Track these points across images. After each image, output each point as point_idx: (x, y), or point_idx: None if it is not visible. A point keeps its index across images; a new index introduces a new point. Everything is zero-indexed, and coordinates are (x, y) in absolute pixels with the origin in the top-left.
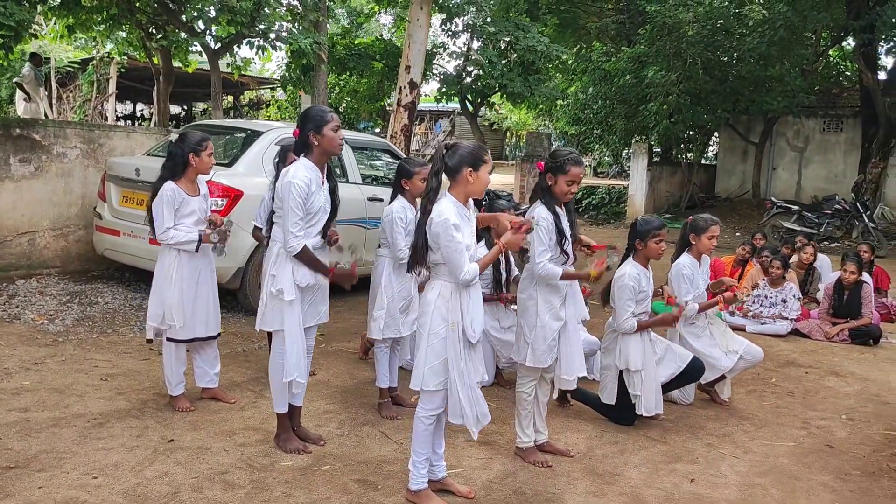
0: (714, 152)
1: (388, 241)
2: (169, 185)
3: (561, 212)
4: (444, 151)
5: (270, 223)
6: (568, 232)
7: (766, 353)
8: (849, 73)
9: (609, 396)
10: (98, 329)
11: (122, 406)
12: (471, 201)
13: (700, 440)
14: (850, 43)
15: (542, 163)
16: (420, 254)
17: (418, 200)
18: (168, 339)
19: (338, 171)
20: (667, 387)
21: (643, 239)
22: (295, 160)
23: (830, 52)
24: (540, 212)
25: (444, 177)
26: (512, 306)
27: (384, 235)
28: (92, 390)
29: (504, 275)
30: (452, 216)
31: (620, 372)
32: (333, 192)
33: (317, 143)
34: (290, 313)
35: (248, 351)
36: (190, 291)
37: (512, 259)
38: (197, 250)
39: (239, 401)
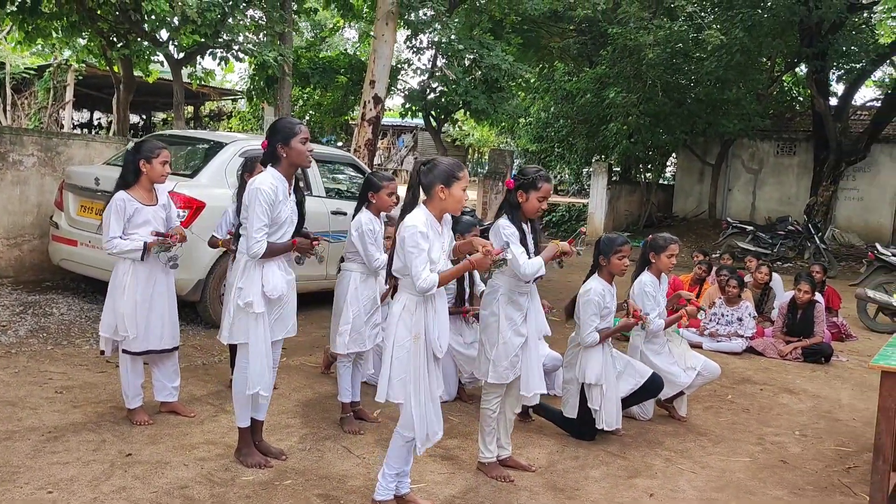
0: (672, 173)
1: (361, 253)
2: (119, 195)
3: (526, 228)
4: (421, 168)
5: (238, 236)
6: (532, 249)
7: (722, 371)
8: (802, 99)
9: (571, 410)
10: (53, 341)
11: (78, 419)
12: (448, 218)
13: (659, 455)
14: (802, 69)
15: (511, 180)
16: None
17: (382, 214)
18: (123, 351)
19: (301, 184)
20: (626, 402)
21: (606, 255)
22: (261, 171)
23: (784, 78)
24: (503, 223)
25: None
26: (473, 321)
27: (352, 249)
28: (46, 403)
29: (468, 289)
30: (421, 224)
31: (582, 386)
32: (300, 205)
33: (285, 155)
34: (257, 326)
35: (209, 364)
36: (144, 302)
37: (476, 275)
38: (143, 259)
39: (198, 414)
